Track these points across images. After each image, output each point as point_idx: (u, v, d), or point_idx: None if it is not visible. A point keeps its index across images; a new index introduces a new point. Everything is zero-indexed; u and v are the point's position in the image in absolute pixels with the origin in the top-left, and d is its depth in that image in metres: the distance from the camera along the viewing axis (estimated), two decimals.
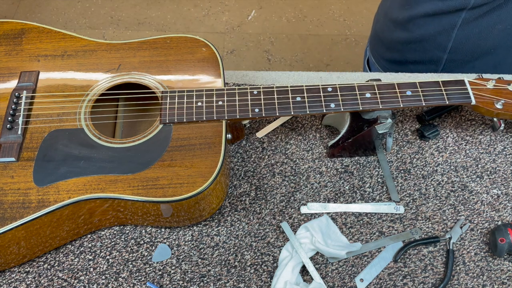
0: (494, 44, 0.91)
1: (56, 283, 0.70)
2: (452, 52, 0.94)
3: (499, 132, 0.84)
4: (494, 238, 0.72)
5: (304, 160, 0.81)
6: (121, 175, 0.66)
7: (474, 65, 0.96)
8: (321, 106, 0.72)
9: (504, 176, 0.80)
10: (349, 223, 0.76)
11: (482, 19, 0.86)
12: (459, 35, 0.90)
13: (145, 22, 2.20)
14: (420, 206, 0.77)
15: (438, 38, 0.93)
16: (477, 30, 0.88)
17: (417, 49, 0.98)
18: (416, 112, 0.86)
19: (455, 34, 0.90)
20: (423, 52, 0.98)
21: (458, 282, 0.71)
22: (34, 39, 0.78)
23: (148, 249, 0.73)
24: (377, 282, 0.71)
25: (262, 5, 2.27)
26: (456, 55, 0.94)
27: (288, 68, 2.06)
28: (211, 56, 0.77)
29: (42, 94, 0.73)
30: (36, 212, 0.63)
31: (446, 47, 0.93)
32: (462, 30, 0.89)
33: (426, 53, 0.97)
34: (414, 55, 1.00)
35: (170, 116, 0.70)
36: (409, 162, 0.81)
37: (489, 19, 0.86)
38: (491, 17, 0.85)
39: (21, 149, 0.68)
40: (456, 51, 0.94)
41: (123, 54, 0.77)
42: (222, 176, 0.69)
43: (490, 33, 0.88)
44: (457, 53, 0.94)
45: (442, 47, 0.94)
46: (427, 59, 0.98)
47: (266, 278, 0.71)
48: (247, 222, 0.75)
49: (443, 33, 0.91)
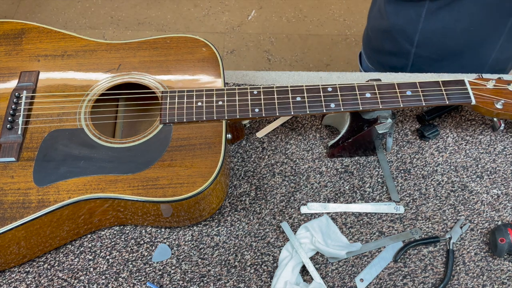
0: (459, 45, 0.93)
1: (56, 283, 0.70)
2: (419, 47, 0.96)
3: (499, 132, 0.84)
4: (494, 238, 0.72)
5: (304, 160, 0.81)
6: (121, 175, 0.66)
7: (442, 65, 0.98)
8: (321, 106, 0.72)
9: (504, 176, 0.80)
10: (349, 223, 0.76)
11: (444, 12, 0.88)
12: (424, 28, 0.92)
13: (145, 22, 2.20)
14: (420, 206, 0.77)
15: (407, 29, 0.95)
16: (441, 25, 0.90)
17: (390, 39, 1.01)
18: (416, 112, 0.86)
19: (421, 26, 0.92)
20: (394, 43, 1.00)
21: (458, 282, 0.71)
22: (34, 39, 0.78)
23: (148, 249, 0.73)
24: (377, 282, 0.71)
25: (262, 5, 2.27)
26: (422, 50, 0.97)
27: (288, 68, 2.06)
28: (211, 56, 0.77)
29: (42, 94, 0.73)
30: (36, 212, 0.63)
31: (413, 40, 0.95)
32: (427, 22, 0.90)
33: (397, 44, 1.00)
34: (388, 45, 1.03)
35: (170, 116, 0.70)
36: (409, 162, 0.81)
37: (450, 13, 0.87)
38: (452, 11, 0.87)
39: (21, 149, 0.68)
40: (422, 45, 0.96)
41: (123, 54, 0.77)
42: (222, 176, 0.69)
43: (453, 30, 0.90)
44: (424, 48, 0.96)
45: (410, 39, 0.96)
46: (398, 51, 1.01)
47: (266, 278, 0.71)
48: (247, 222, 0.75)
49: (410, 24, 0.93)
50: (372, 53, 1.09)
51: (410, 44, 0.97)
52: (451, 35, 0.92)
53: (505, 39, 0.90)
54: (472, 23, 0.88)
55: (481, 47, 0.93)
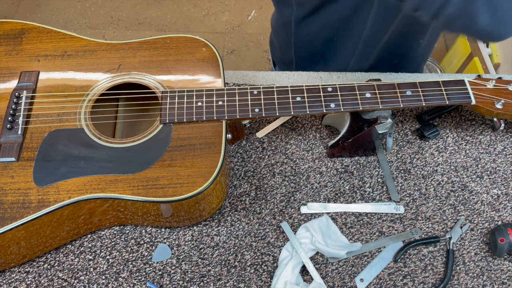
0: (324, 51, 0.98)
1: (56, 283, 0.70)
2: (296, 47, 1.01)
3: (499, 132, 0.84)
4: (494, 238, 0.72)
5: (304, 160, 0.81)
6: (121, 175, 0.66)
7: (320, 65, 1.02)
8: (321, 106, 0.72)
9: (504, 176, 0.80)
10: (349, 223, 0.76)
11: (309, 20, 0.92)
12: (297, 32, 0.96)
13: (145, 22, 2.20)
14: (420, 206, 0.77)
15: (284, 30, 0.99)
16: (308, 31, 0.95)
17: (277, 35, 1.06)
18: (416, 112, 0.86)
19: (294, 29, 0.96)
20: (280, 39, 1.05)
21: (458, 282, 0.71)
22: (34, 39, 0.78)
23: (148, 249, 0.73)
24: (377, 282, 0.71)
25: (262, 5, 2.27)
26: (300, 51, 1.01)
27: None
28: (211, 56, 0.77)
29: (42, 94, 0.73)
30: (36, 212, 0.63)
31: (290, 41, 1.00)
32: (297, 27, 0.95)
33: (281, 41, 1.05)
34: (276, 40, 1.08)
35: (170, 116, 0.70)
36: (409, 162, 0.81)
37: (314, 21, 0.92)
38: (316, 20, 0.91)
39: (21, 149, 0.68)
40: (298, 47, 1.00)
41: (123, 54, 0.77)
42: (222, 176, 0.69)
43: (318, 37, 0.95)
44: (300, 49, 1.01)
45: (287, 40, 1.00)
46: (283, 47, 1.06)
47: (266, 278, 0.71)
48: (247, 222, 0.75)
49: (285, 26, 0.97)
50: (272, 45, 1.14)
51: (289, 44, 1.01)
52: (317, 41, 0.97)
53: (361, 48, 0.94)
54: (332, 32, 0.93)
55: (342, 55, 0.98)
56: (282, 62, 1.11)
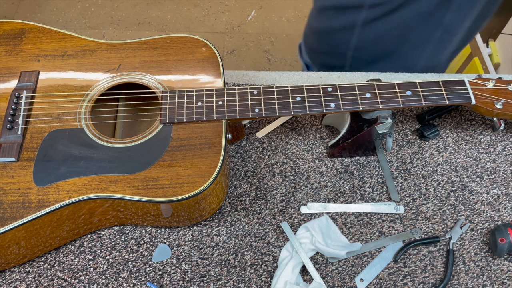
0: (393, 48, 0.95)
1: (56, 283, 0.70)
2: (356, 50, 0.97)
3: (499, 132, 0.84)
4: (494, 238, 0.72)
5: (304, 160, 0.81)
6: (121, 175, 0.66)
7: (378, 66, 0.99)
8: (321, 106, 0.72)
9: (504, 176, 0.80)
10: (349, 223, 0.76)
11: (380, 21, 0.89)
12: (361, 34, 0.93)
13: (145, 22, 2.20)
14: (420, 206, 0.77)
15: (343, 34, 0.96)
16: (377, 32, 0.92)
17: (326, 41, 1.02)
18: (416, 112, 0.86)
19: (357, 32, 0.93)
20: (330, 45, 1.02)
21: (458, 282, 0.71)
22: (34, 39, 0.78)
23: (148, 249, 0.73)
24: (377, 282, 0.71)
25: (262, 5, 2.27)
26: (359, 53, 0.98)
27: (288, 68, 2.06)
28: (211, 56, 0.77)
29: (42, 94, 0.73)
30: (36, 212, 0.63)
31: (350, 43, 0.96)
32: (363, 29, 0.92)
33: (333, 47, 1.01)
34: (325, 47, 1.04)
35: (170, 116, 0.70)
36: (409, 162, 0.81)
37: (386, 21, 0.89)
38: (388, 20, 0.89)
39: (21, 149, 0.68)
40: (359, 49, 0.97)
41: (123, 54, 0.77)
42: (222, 176, 0.69)
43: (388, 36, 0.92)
44: (361, 51, 0.97)
45: (346, 43, 0.97)
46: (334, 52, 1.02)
47: (266, 278, 0.71)
48: (247, 222, 0.75)
49: (347, 29, 0.94)
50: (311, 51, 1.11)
51: (346, 47, 0.98)
52: (385, 41, 0.94)
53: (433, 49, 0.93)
54: (406, 31, 0.91)
55: (411, 54, 0.96)
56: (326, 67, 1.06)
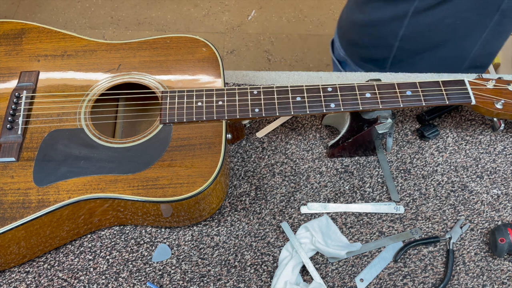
0: (443, 37, 0.93)
1: (56, 283, 0.70)
2: (403, 41, 0.96)
3: (499, 132, 0.84)
4: (494, 238, 0.72)
5: (304, 160, 0.81)
6: (121, 175, 0.66)
7: (423, 57, 0.98)
8: (321, 106, 0.72)
9: (504, 176, 0.80)
10: (349, 223, 0.76)
11: (433, 10, 0.88)
12: (410, 24, 0.92)
13: (145, 22, 2.20)
14: (420, 206, 0.77)
15: (391, 24, 0.95)
16: (428, 21, 0.90)
17: (372, 33, 1.00)
18: (416, 112, 0.86)
19: (407, 22, 0.91)
20: (376, 37, 1.00)
21: (458, 282, 0.71)
22: (34, 39, 0.78)
23: (148, 249, 0.73)
24: (377, 282, 0.71)
25: (262, 5, 2.27)
26: (406, 44, 0.96)
27: (288, 68, 2.06)
28: (211, 56, 0.77)
29: (42, 94, 0.73)
30: (36, 212, 0.63)
31: (398, 34, 0.95)
32: (413, 18, 0.90)
33: (379, 39, 1.00)
34: (368, 39, 1.02)
35: (170, 116, 0.70)
36: (409, 162, 0.81)
37: (439, 10, 0.88)
38: (441, 9, 0.87)
39: (21, 149, 0.68)
40: (407, 40, 0.95)
41: (123, 54, 0.77)
42: (222, 176, 0.69)
43: (440, 25, 0.91)
44: (408, 42, 0.96)
45: (394, 34, 0.96)
46: (379, 44, 1.01)
47: (266, 278, 0.71)
48: (247, 222, 0.75)
49: (396, 20, 0.93)
50: (350, 45, 1.09)
51: (393, 39, 0.96)
52: (436, 29, 0.92)
53: (488, 34, 0.90)
54: (460, 18, 0.88)
55: (464, 41, 0.94)
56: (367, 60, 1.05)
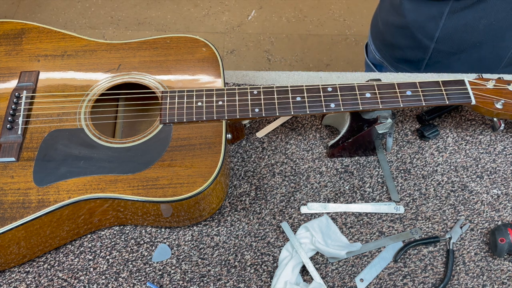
0: (480, 39, 0.93)
1: (56, 283, 0.70)
2: (439, 42, 0.96)
3: (499, 132, 0.84)
4: (494, 238, 0.72)
5: (304, 160, 0.81)
6: (121, 175, 0.66)
7: (459, 57, 0.98)
8: (321, 106, 0.72)
9: (504, 176, 0.80)
10: (349, 223, 0.76)
11: (468, 11, 0.88)
12: (446, 25, 0.92)
13: (145, 22, 2.20)
14: (420, 206, 0.77)
15: (427, 26, 0.95)
16: (463, 22, 0.90)
17: (407, 35, 1.00)
18: (416, 112, 0.86)
19: (443, 23, 0.92)
20: (412, 38, 1.00)
21: (458, 282, 0.71)
22: (34, 39, 0.78)
23: (148, 249, 0.73)
24: (377, 282, 0.71)
25: (262, 5, 2.27)
26: (442, 45, 0.96)
27: (288, 68, 2.06)
28: (211, 56, 0.77)
29: (42, 94, 0.73)
30: (36, 212, 0.63)
31: (434, 36, 0.95)
32: (449, 19, 0.90)
33: (415, 40, 1.00)
34: (404, 41, 1.02)
35: (170, 116, 0.70)
36: (409, 162, 0.81)
37: (474, 11, 0.88)
38: (476, 10, 0.87)
39: (21, 149, 0.68)
40: (442, 41, 0.96)
41: (123, 54, 0.77)
42: (222, 176, 0.69)
43: (475, 26, 0.90)
44: (444, 43, 0.96)
45: (430, 35, 0.96)
46: (415, 46, 1.01)
47: (266, 278, 0.71)
48: (247, 222, 0.75)
49: (431, 21, 0.93)
50: (385, 47, 1.09)
51: (429, 40, 0.96)
52: (472, 30, 0.92)
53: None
54: (496, 19, 0.88)
55: (502, 41, 0.94)
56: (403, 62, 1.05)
